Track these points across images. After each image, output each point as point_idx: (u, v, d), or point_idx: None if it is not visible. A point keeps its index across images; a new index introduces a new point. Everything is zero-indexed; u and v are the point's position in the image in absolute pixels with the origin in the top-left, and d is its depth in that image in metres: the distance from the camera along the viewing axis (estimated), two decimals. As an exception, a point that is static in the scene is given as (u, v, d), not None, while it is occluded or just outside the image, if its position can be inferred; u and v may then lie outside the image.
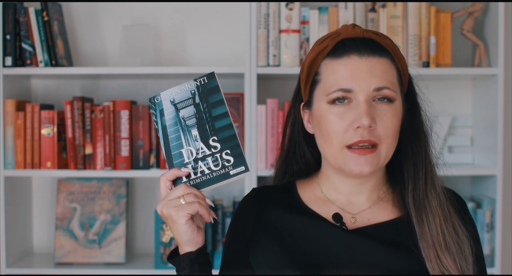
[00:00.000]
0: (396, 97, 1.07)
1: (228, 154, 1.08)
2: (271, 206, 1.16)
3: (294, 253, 1.09)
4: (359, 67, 1.05)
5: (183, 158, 1.10)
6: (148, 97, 1.13)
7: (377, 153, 1.05)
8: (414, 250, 1.07)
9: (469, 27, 2.26)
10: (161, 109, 1.12)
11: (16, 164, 2.22)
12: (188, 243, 1.07)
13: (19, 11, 2.20)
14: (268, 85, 2.37)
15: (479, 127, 2.33)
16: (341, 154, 1.06)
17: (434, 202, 1.09)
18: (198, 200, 1.05)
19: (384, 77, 1.05)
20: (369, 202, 1.14)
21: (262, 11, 2.17)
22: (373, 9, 2.20)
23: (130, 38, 2.29)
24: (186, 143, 1.10)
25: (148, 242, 2.42)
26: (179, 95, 1.11)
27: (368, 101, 1.04)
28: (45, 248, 2.45)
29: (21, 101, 2.27)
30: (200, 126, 1.10)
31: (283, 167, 1.22)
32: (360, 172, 1.05)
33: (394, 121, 1.06)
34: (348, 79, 1.05)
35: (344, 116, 1.05)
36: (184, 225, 1.04)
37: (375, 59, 1.06)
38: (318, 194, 1.16)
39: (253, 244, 1.14)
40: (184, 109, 1.11)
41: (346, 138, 1.05)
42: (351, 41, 1.07)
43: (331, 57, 1.08)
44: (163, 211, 1.06)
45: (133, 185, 2.45)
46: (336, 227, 1.10)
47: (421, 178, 1.10)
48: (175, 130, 1.11)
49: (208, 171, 1.09)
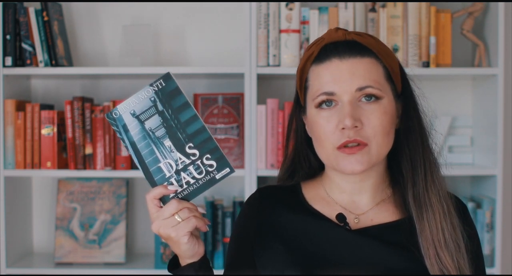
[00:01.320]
0: (383, 95, 1.08)
1: (209, 158, 1.04)
2: (275, 206, 1.17)
3: (298, 253, 1.10)
4: (340, 69, 1.07)
5: (164, 172, 1.05)
6: (106, 113, 1.05)
7: (366, 151, 1.06)
8: (415, 251, 1.08)
9: (469, 27, 2.26)
10: (123, 124, 1.04)
11: (16, 164, 2.22)
12: (191, 257, 1.07)
13: (19, 11, 2.20)
14: (268, 85, 2.37)
15: (479, 127, 2.33)
16: (333, 155, 1.08)
17: (434, 198, 1.10)
18: (193, 214, 1.04)
19: (366, 77, 1.07)
20: (372, 203, 1.14)
21: (262, 11, 2.17)
22: (373, 9, 2.20)
23: (130, 38, 2.29)
24: (162, 156, 1.04)
25: (148, 242, 2.42)
26: (139, 105, 1.03)
27: (351, 102, 1.06)
28: (45, 248, 2.45)
29: (21, 101, 2.27)
30: (172, 135, 1.03)
31: (287, 174, 1.23)
32: (352, 171, 1.07)
33: (382, 118, 1.07)
34: (330, 82, 1.07)
35: (331, 118, 1.07)
36: (186, 244, 1.04)
37: (356, 59, 1.08)
38: (322, 195, 1.17)
39: (257, 244, 1.14)
40: (148, 120, 1.03)
41: (335, 140, 1.07)
42: (332, 45, 1.10)
43: (316, 63, 1.11)
44: (161, 232, 1.04)
45: (133, 185, 2.45)
46: (340, 227, 1.11)
47: (420, 174, 1.11)
48: (146, 145, 1.04)
49: (193, 180, 1.05)
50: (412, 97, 1.14)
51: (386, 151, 1.10)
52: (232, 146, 2.26)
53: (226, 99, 2.28)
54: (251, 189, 2.14)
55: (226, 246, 2.25)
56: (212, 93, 2.29)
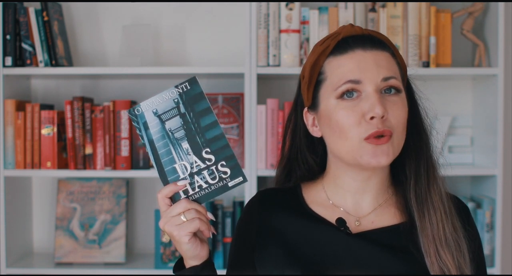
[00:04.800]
0: (403, 88, 1.08)
1: (223, 165, 1.05)
2: (276, 209, 1.17)
3: (298, 256, 1.10)
4: (365, 59, 1.06)
5: (178, 173, 1.05)
6: (128, 109, 1.09)
7: (391, 142, 1.05)
8: (417, 255, 1.07)
9: (469, 27, 2.26)
10: (144, 121, 1.05)
11: (16, 164, 2.22)
12: (194, 258, 1.07)
13: (19, 11, 2.20)
14: (268, 85, 2.37)
15: (479, 127, 2.33)
16: (359, 147, 1.05)
17: (436, 197, 1.09)
18: (198, 216, 1.04)
19: (389, 68, 1.07)
20: (375, 204, 1.14)
21: (262, 11, 2.17)
22: (373, 9, 2.20)
23: (130, 38, 2.29)
24: (178, 158, 1.05)
25: (148, 242, 2.42)
26: (162, 105, 1.04)
27: (377, 91, 1.05)
28: (45, 248, 2.45)
29: (21, 101, 2.27)
30: (191, 138, 1.04)
31: (284, 173, 1.22)
32: (378, 164, 1.04)
33: (403, 111, 1.07)
34: (356, 70, 1.06)
35: (355, 108, 1.05)
36: (187, 244, 1.04)
37: (379, 52, 1.07)
38: (323, 197, 1.16)
39: (258, 247, 1.14)
40: (169, 120, 1.05)
41: (361, 130, 1.04)
42: (352, 38, 1.09)
43: (334, 54, 1.09)
44: (166, 229, 1.05)
45: (133, 185, 2.45)
46: (340, 231, 1.11)
47: (422, 173, 1.11)
48: (164, 144, 1.05)
49: (205, 185, 1.05)
50: (415, 97, 1.15)
51: (402, 144, 1.09)
52: (232, 146, 2.26)
53: (226, 99, 2.28)
54: (251, 189, 2.14)
55: (226, 246, 2.26)
56: (212, 93, 2.29)
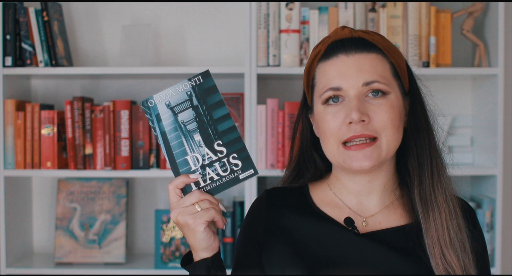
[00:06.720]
0: (390, 90, 1.08)
1: (235, 158, 1.06)
2: (283, 208, 1.16)
3: (305, 256, 1.10)
4: (346, 65, 1.07)
5: (190, 165, 1.06)
6: (141, 101, 1.08)
7: (376, 145, 1.05)
8: (423, 257, 1.07)
9: (469, 27, 2.26)
10: (157, 113, 1.06)
11: (16, 164, 2.22)
12: (205, 249, 1.07)
13: (19, 11, 2.20)
14: (268, 85, 2.37)
15: (479, 127, 2.33)
16: (338, 152, 1.07)
17: (440, 197, 1.09)
18: (213, 206, 1.05)
19: (373, 72, 1.07)
20: (381, 205, 1.14)
21: (262, 11, 2.17)
22: (373, 9, 2.20)
23: (130, 38, 2.29)
24: (190, 150, 1.06)
25: (148, 242, 2.42)
26: (175, 97, 1.06)
27: (358, 96, 1.06)
28: (45, 248, 2.45)
29: (21, 101, 2.27)
30: (203, 131, 1.05)
31: (293, 175, 1.22)
32: (360, 167, 1.06)
33: (390, 112, 1.06)
34: (336, 77, 1.07)
35: (337, 114, 1.07)
36: (202, 233, 1.04)
37: (363, 55, 1.08)
38: (330, 197, 1.16)
39: (265, 246, 1.14)
40: (182, 112, 1.06)
41: (341, 135, 1.06)
42: (338, 42, 1.10)
43: (323, 60, 1.11)
44: (179, 219, 1.04)
45: (133, 185, 2.45)
46: (348, 231, 1.10)
47: (426, 173, 1.10)
48: (176, 136, 1.06)
49: (217, 177, 1.06)
50: (419, 96, 1.14)
51: (395, 148, 1.09)
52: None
53: (226, 99, 2.28)
54: (251, 189, 2.14)
55: (226, 246, 2.26)
56: (212, 93, 2.29)
